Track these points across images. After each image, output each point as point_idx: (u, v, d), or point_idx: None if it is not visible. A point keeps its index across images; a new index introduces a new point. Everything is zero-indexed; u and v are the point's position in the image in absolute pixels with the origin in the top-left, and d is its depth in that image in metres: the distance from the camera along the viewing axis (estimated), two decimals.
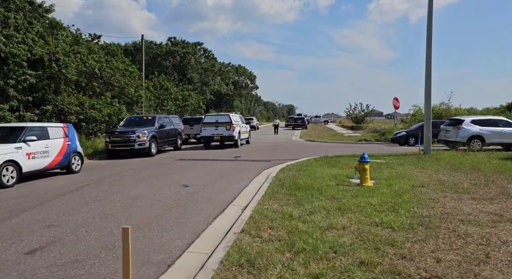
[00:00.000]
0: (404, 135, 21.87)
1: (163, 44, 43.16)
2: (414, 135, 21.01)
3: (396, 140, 22.44)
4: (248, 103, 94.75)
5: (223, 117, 19.73)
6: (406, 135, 21.69)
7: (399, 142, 22.14)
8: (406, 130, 23.00)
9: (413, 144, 20.70)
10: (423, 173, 9.85)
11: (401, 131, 22.96)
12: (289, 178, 9.54)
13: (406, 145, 21.24)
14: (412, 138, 21.18)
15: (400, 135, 22.28)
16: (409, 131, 22.12)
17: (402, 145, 21.67)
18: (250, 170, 11.71)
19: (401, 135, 22.15)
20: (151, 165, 12.94)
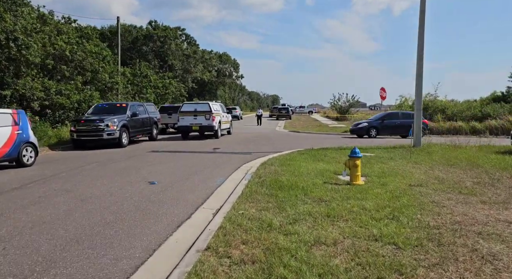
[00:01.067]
0: (366, 126, 20.62)
1: (143, 28, 41.15)
2: (376, 127, 20.06)
3: (356, 131, 21.07)
4: (232, 92, 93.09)
5: (202, 106, 18.49)
6: (368, 127, 20.44)
7: (358, 133, 20.90)
8: (368, 121, 21.60)
9: (374, 135, 19.85)
10: (418, 169, 8.97)
11: (361, 122, 21.67)
12: (271, 174, 8.50)
13: (367, 137, 20.18)
14: (373, 129, 20.11)
15: (361, 126, 21.00)
16: (371, 122, 20.85)
17: (360, 137, 20.53)
18: (229, 164, 10.63)
19: (363, 126, 20.88)
20: (120, 158, 11.69)
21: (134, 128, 15.41)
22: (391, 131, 20.22)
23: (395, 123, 20.11)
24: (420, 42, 14.03)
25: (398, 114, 21.01)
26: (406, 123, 19.73)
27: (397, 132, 20.27)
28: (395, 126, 20.13)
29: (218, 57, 64.93)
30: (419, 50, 14.04)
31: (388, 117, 20.60)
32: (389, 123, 20.15)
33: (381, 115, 21.66)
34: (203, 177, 8.65)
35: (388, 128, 20.17)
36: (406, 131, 19.67)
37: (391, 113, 21.40)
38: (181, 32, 43.66)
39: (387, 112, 22.23)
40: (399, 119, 20.21)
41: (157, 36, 40.38)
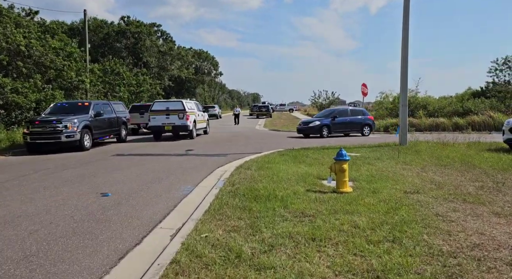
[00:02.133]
0: (318, 125, 18.40)
1: (114, 24, 39.18)
2: (328, 125, 18.43)
3: (306, 131, 18.70)
4: (212, 91, 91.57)
5: (175, 104, 17.22)
6: (321, 126, 18.35)
7: (309, 133, 18.59)
8: (318, 119, 19.25)
9: (327, 135, 18.31)
10: (409, 171, 8.08)
11: (312, 121, 19.18)
12: (246, 180, 7.42)
13: (318, 136, 18.25)
14: (325, 128, 18.36)
15: (313, 125, 18.55)
16: (322, 120, 18.74)
17: (307, 136, 18.56)
18: (201, 168, 9.50)
19: (315, 125, 18.48)
20: (76, 163, 10.35)
21: (98, 130, 14.02)
22: (342, 130, 19.01)
23: (346, 121, 18.94)
24: (405, 33, 13.24)
25: (347, 111, 19.70)
26: (356, 121, 19.17)
27: (348, 131, 19.22)
28: (346, 124, 18.98)
29: (197, 54, 63.32)
30: (403, 42, 13.25)
31: (339, 114, 19.02)
32: (340, 121, 18.70)
33: (329, 112, 19.96)
34: (168, 185, 7.49)
35: (339, 127, 18.78)
36: (356, 129, 19.18)
37: (341, 110, 19.80)
38: (156, 28, 41.92)
39: (335, 109, 20.41)
40: (349, 117, 19.14)
41: (130, 32, 38.56)
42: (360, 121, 19.26)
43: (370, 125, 19.69)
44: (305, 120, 19.90)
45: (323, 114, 19.82)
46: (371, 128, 19.74)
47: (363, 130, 19.42)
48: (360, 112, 19.81)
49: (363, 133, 19.41)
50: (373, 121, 20.08)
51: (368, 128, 19.55)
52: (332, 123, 18.45)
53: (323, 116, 19.18)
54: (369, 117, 19.95)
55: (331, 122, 18.42)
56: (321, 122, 18.38)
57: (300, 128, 19.20)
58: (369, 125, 19.64)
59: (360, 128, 19.35)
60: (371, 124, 19.84)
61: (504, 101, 24.41)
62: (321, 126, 18.26)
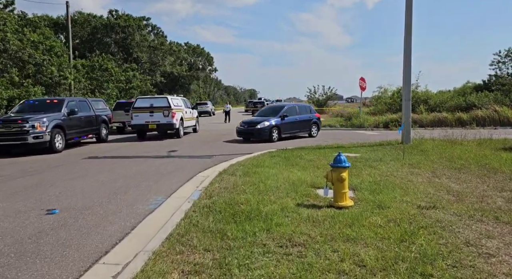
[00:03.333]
0: (268, 126, 14.49)
1: (103, 17, 37.65)
2: (278, 126, 14.71)
3: (250, 134, 14.69)
4: (207, 87, 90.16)
5: (160, 101, 15.97)
6: (271, 127, 14.52)
7: (250, 136, 14.74)
8: (266, 118, 15.03)
9: (276, 138, 14.64)
10: (419, 176, 6.94)
11: (261, 121, 14.70)
12: (227, 190, 6.26)
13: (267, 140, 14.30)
14: (275, 130, 14.64)
15: (262, 127, 14.43)
16: (271, 120, 14.73)
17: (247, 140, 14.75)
18: (180, 173, 8.32)
19: (265, 127, 14.43)
20: (39, 168, 9.14)
21: (72, 129, 12.78)
22: (292, 131, 15.48)
23: (295, 120, 15.56)
24: (408, 22, 12.06)
25: (295, 108, 16.19)
26: (304, 120, 16.09)
27: (297, 131, 15.77)
28: (295, 124, 15.56)
29: (191, 50, 61.82)
30: (406, 32, 12.07)
31: (288, 112, 15.41)
32: (289, 121, 15.24)
33: (274, 109, 16.10)
34: (135, 196, 6.31)
35: (289, 127, 15.28)
36: (305, 130, 16.14)
37: (290, 108, 16.04)
38: (146, 22, 40.41)
39: (282, 106, 16.61)
40: (298, 115, 15.86)
41: (119, 27, 37.11)
42: (308, 120, 16.26)
43: (318, 125, 16.80)
44: (249, 120, 15.40)
45: (268, 112, 15.94)
46: (318, 128, 16.91)
47: (311, 131, 16.39)
48: (307, 110, 16.78)
49: (311, 133, 16.36)
50: (319, 119, 17.18)
51: (315, 128, 16.58)
52: (282, 123, 14.87)
53: (270, 115, 15.28)
54: (316, 115, 16.96)
55: (281, 122, 14.84)
56: (271, 122, 14.54)
57: (242, 130, 14.95)
58: (317, 124, 16.72)
59: (309, 128, 16.31)
60: (319, 123, 16.91)
61: (508, 94, 23.31)
62: (271, 127, 14.47)
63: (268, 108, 17.22)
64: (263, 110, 17.15)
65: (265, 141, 14.23)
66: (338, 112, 33.64)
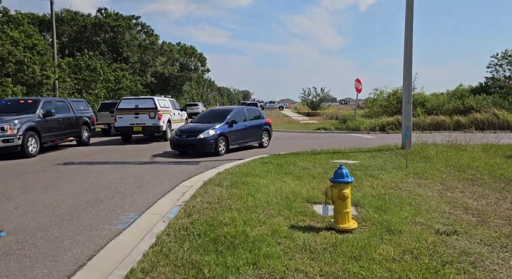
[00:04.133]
0: (214, 136, 11.13)
1: (91, 16, 36.53)
2: (225, 136, 11.55)
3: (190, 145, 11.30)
4: (200, 88, 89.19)
5: (146, 102, 15.08)
6: (217, 136, 11.21)
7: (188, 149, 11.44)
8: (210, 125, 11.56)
9: (224, 150, 11.46)
10: (427, 188, 6.17)
11: (205, 129, 11.25)
12: (210, 206, 5.42)
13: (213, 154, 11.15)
14: (222, 140, 11.46)
15: (206, 137, 11.07)
16: (216, 127, 11.42)
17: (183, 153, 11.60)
18: (160, 183, 7.47)
19: (209, 137, 11.08)
20: (3, 177, 8.19)
21: (49, 132, 11.83)
22: (240, 141, 12.36)
23: (245, 127, 12.47)
24: (409, 19, 11.34)
25: (243, 112, 12.93)
26: (254, 127, 12.95)
27: (246, 141, 12.67)
28: (244, 132, 12.46)
29: (184, 50, 60.78)
30: (406, 33, 11.35)
31: (236, 117, 12.28)
32: (238, 128, 12.09)
33: (219, 113, 12.74)
34: (104, 212, 5.44)
35: (238, 136, 12.19)
36: (255, 139, 13.04)
37: (238, 112, 12.72)
38: (135, 21, 39.36)
39: (229, 109, 12.78)
40: (247, 121, 12.73)
41: (109, 26, 36.06)
42: (259, 127, 13.24)
43: (269, 132, 13.81)
44: (189, 128, 11.94)
45: (211, 117, 12.51)
46: (270, 136, 13.91)
47: (262, 140, 13.30)
48: (256, 114, 13.72)
49: (261, 143, 13.29)
50: (271, 125, 14.11)
51: (267, 136, 13.60)
52: (230, 131, 11.79)
53: (213, 121, 11.89)
54: (266, 120, 13.93)
55: (229, 130, 11.76)
56: (217, 131, 11.31)
57: (179, 140, 11.40)
58: (268, 131, 13.71)
59: (259, 136, 13.18)
60: (270, 130, 13.88)
61: (507, 97, 22.79)
62: (217, 137, 11.22)
63: (210, 112, 13.55)
64: (205, 114, 13.44)
65: (209, 154, 11.13)
66: (333, 115, 32.99)
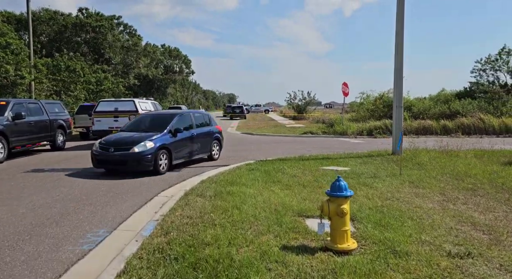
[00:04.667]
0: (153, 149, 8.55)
1: (72, 15, 35.32)
2: (167, 149, 8.92)
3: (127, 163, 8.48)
4: (185, 90, 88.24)
5: (126, 104, 14.35)
6: (157, 149, 8.59)
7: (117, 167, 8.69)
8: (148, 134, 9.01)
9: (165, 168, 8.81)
10: (427, 199, 5.73)
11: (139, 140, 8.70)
12: (191, 221, 4.84)
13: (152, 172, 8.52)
14: (164, 154, 8.81)
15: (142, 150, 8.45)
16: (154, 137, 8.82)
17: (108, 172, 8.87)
18: (137, 193, 6.83)
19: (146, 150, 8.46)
20: None
21: (19, 136, 11.00)
22: (187, 153, 9.75)
23: (192, 136, 9.85)
24: (399, 21, 11.02)
25: (190, 117, 10.34)
26: (203, 135, 10.43)
27: (194, 153, 10.03)
28: (192, 142, 9.86)
29: (168, 52, 59.82)
30: (397, 33, 11.02)
31: (181, 124, 9.72)
32: (184, 138, 9.54)
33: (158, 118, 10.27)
34: (69, 229, 4.79)
35: (185, 148, 9.63)
36: (204, 150, 10.47)
37: (183, 117, 10.13)
38: (117, 21, 38.33)
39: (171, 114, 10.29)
40: (195, 129, 10.12)
41: (90, 26, 34.99)
42: (209, 135, 10.84)
43: (220, 142, 11.39)
44: (117, 138, 9.18)
45: (148, 124, 9.94)
46: (221, 146, 11.49)
47: (212, 151, 10.86)
48: (205, 119, 11.17)
49: (211, 155, 10.84)
50: (221, 133, 11.68)
51: (217, 146, 11.20)
52: (174, 142, 9.17)
53: (151, 129, 9.36)
54: (217, 127, 11.60)
55: (173, 140, 9.14)
56: (157, 142, 8.67)
57: (104, 156, 8.65)
58: (219, 141, 11.32)
59: (209, 147, 10.74)
60: (221, 139, 11.46)
61: (492, 102, 22.91)
62: (157, 150, 8.56)
63: (147, 117, 10.64)
64: (140, 120, 10.32)
65: (145, 172, 8.41)
66: (319, 118, 32.72)
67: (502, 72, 28.68)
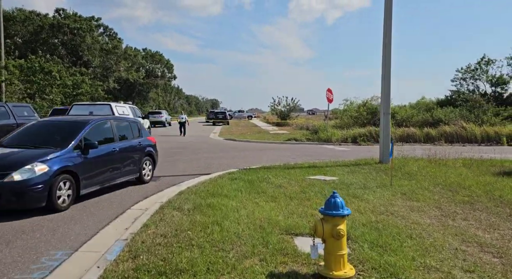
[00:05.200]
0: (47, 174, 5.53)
1: (48, 16, 34.04)
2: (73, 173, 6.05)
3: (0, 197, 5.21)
4: (167, 95, 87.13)
5: (101, 108, 13.58)
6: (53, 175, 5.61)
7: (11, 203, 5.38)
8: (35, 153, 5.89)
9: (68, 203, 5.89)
10: (423, 214, 5.31)
11: (26, 161, 5.55)
12: (165, 241, 4.27)
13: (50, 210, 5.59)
14: (66, 181, 5.87)
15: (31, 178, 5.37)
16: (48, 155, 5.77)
17: None
18: (108, 206, 6.19)
19: (38, 176, 5.42)
20: None
21: None
22: (108, 176, 7.02)
23: (113, 151, 7.18)
24: (387, 26, 10.76)
25: (110, 126, 7.51)
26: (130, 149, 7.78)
27: (115, 176, 7.20)
28: (111, 161, 7.14)
29: (150, 56, 58.80)
30: (385, 40, 10.76)
31: (97, 134, 6.97)
32: (100, 155, 6.76)
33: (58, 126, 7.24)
34: (20, 251, 4.13)
35: (101, 169, 6.81)
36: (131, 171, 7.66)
37: (98, 124, 7.19)
38: (96, 23, 37.19)
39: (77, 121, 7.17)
40: (117, 143, 7.41)
41: (68, 28, 33.81)
42: (137, 150, 8.05)
43: (153, 158, 8.64)
44: None
45: (43, 134, 6.88)
46: (154, 164, 8.70)
47: (142, 171, 8.06)
48: (133, 129, 8.32)
49: (141, 177, 8.04)
50: (156, 147, 8.89)
51: (150, 164, 8.44)
52: (85, 162, 6.40)
53: (47, 142, 6.42)
54: (149, 138, 8.82)
55: (82, 160, 6.32)
56: (53, 165, 5.72)
57: None
58: (152, 157, 8.56)
59: (138, 166, 7.95)
60: (154, 154, 8.68)
61: (473, 111, 23.15)
62: (53, 176, 5.67)
63: (42, 125, 7.38)
64: (30, 129, 7.12)
65: (34, 210, 5.59)
66: (302, 125, 32.47)
67: (481, 81, 29.19)
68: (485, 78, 28.46)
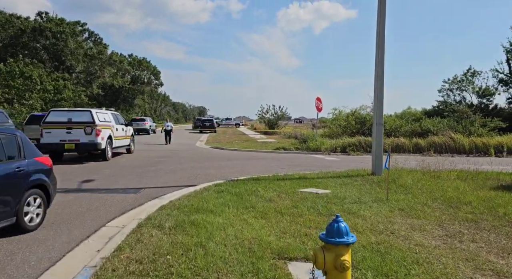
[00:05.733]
0: None
1: (30, 20, 33.00)
2: None
3: None
4: (154, 102, 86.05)
5: (81, 115, 12.86)
6: None
7: None
8: None
9: None
10: (427, 235, 4.88)
11: None
12: (140, 267, 3.75)
13: None
14: None
15: None
16: None
17: None
18: (81, 223, 5.58)
19: None
20: None
21: None
22: None
23: None
24: (380, 36, 10.49)
25: None
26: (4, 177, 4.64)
27: None
28: None
29: (136, 62, 57.89)
30: (378, 49, 10.47)
31: None
32: None
33: None
34: None
35: None
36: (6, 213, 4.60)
37: None
38: (81, 28, 36.34)
39: None
40: None
41: (50, 31, 32.86)
42: (15, 179, 4.84)
43: (46, 189, 5.37)
44: None
45: None
46: (49, 202, 5.49)
47: (20, 212, 4.85)
48: (5, 146, 4.91)
49: (20, 221, 4.84)
50: (52, 172, 5.63)
51: (40, 200, 5.23)
52: None
53: None
54: (40, 160, 5.44)
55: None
56: None
57: None
58: (43, 188, 5.33)
59: (15, 205, 4.76)
60: (48, 185, 5.39)
61: (460, 121, 23.18)
62: None
63: None
64: None
65: None
66: (291, 133, 32.10)
67: (468, 93, 29.45)
68: (471, 90, 28.75)
